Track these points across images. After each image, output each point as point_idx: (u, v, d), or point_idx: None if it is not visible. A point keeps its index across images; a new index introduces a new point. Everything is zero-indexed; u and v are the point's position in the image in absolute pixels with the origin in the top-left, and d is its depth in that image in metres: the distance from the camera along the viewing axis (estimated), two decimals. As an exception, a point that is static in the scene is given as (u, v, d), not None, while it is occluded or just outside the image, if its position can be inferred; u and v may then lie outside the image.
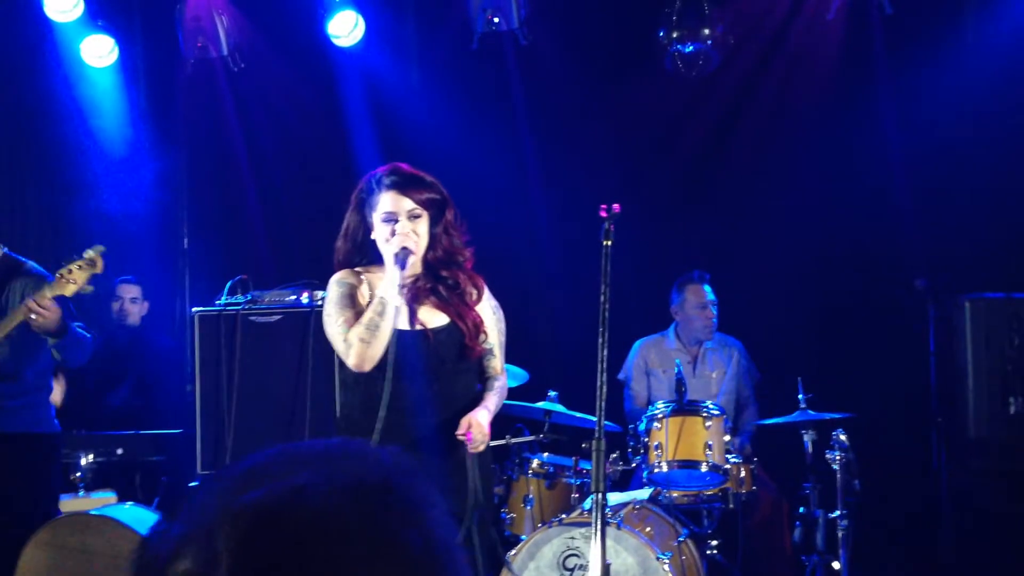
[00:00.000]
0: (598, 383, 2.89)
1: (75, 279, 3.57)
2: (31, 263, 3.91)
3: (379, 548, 0.74)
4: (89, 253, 3.63)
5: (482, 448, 2.96)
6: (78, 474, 4.30)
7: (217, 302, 4.36)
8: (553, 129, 5.60)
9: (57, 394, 5.05)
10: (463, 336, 3.02)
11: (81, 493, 4.28)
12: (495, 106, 5.53)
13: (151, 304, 5.39)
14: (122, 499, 4.28)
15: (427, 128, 5.36)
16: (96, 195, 5.53)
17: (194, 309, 4.38)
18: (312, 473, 0.77)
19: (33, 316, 3.56)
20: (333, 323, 3.00)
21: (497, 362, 3.16)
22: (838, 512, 4.02)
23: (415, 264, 3.02)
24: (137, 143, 5.58)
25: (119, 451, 4.60)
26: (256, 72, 5.54)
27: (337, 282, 3.06)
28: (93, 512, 3.97)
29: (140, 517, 4.00)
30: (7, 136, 5.62)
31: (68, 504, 4.21)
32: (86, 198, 5.57)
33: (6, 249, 3.85)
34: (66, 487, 4.37)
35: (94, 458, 4.36)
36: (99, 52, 5.33)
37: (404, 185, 2.99)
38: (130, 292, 5.30)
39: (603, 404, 2.84)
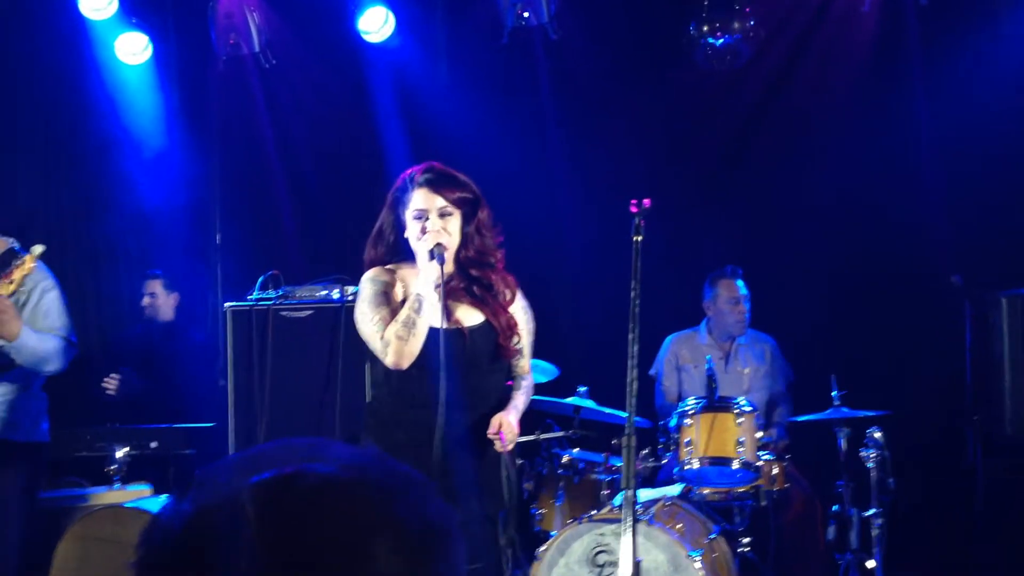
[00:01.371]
0: (629, 379, 2.88)
1: (12, 278, 3.38)
2: (38, 262, 3.77)
3: (382, 517, 0.79)
4: (32, 251, 3.43)
5: (511, 447, 2.97)
6: (113, 467, 4.34)
7: (249, 297, 4.39)
8: (583, 124, 5.58)
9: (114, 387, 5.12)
10: (497, 336, 3.03)
11: (116, 486, 4.33)
12: (525, 101, 5.52)
13: (184, 299, 5.44)
14: (157, 492, 4.32)
15: (456, 124, 5.36)
16: (130, 191, 5.59)
17: (226, 304, 4.41)
18: (313, 460, 0.82)
19: None
20: (368, 321, 3.01)
21: (525, 362, 3.18)
22: (872, 510, 3.98)
23: (447, 262, 3.02)
24: (170, 140, 5.63)
25: (153, 444, 4.65)
26: (287, 68, 5.56)
27: (370, 280, 3.06)
28: (127, 505, 4.01)
29: (173, 510, 4.03)
30: (43, 133, 5.69)
31: (104, 497, 4.26)
32: (120, 194, 5.63)
33: (17, 246, 3.76)
34: (101, 480, 4.42)
35: (129, 451, 4.40)
36: (133, 50, 5.38)
37: (436, 183, 2.99)
38: (151, 287, 5.35)
39: (634, 400, 2.83)
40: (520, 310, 3.13)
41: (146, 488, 4.34)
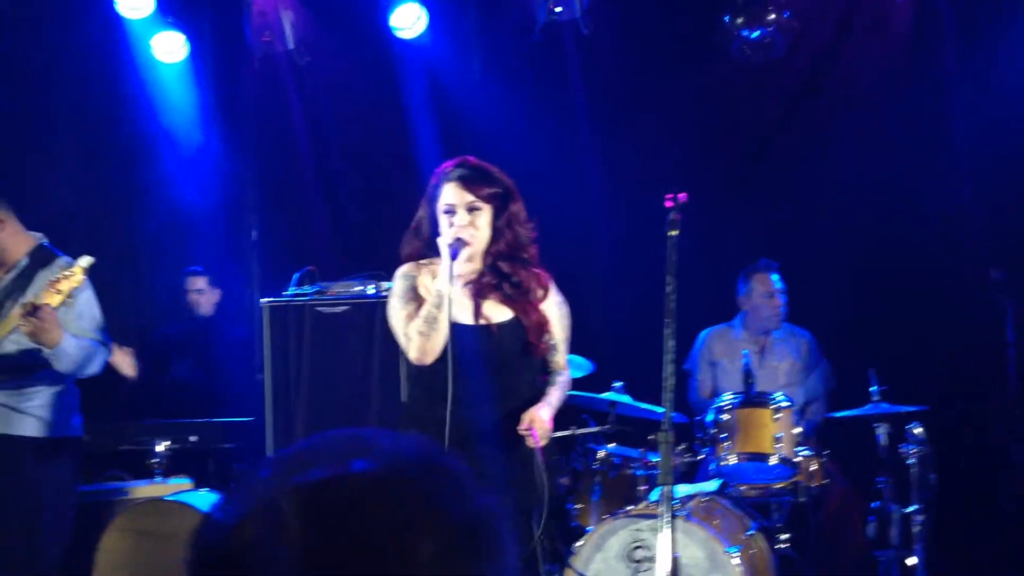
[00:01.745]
0: (665, 374, 2.87)
1: (60, 289, 3.37)
2: (67, 258, 3.77)
3: (426, 516, 0.78)
4: (79, 263, 3.44)
5: (544, 443, 2.95)
6: (154, 460, 4.40)
7: (285, 293, 4.42)
8: (615, 119, 5.56)
9: (128, 367, 5.17)
10: (527, 333, 3.01)
11: (158, 479, 4.38)
12: (556, 97, 5.51)
13: (222, 294, 5.50)
14: (197, 485, 4.36)
15: (488, 120, 5.36)
16: (167, 189, 5.65)
17: (263, 300, 4.45)
18: (358, 454, 0.81)
19: (22, 323, 3.38)
20: (396, 316, 3.04)
21: (560, 357, 3.16)
22: (914, 507, 3.93)
23: (476, 257, 3.01)
24: (206, 138, 5.68)
25: (193, 438, 4.69)
26: (320, 65, 5.59)
27: (402, 276, 3.08)
28: (169, 498, 4.06)
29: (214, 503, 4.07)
30: (81, 132, 5.76)
31: (146, 490, 4.32)
32: (157, 192, 5.69)
33: (46, 241, 3.79)
34: (142, 473, 4.48)
35: (169, 445, 4.45)
36: (169, 48, 5.43)
37: (466, 178, 2.99)
38: (195, 284, 5.41)
39: (671, 396, 2.82)
40: (554, 305, 3.11)
41: (187, 481, 4.39)
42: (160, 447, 4.42)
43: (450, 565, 0.77)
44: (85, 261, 3.42)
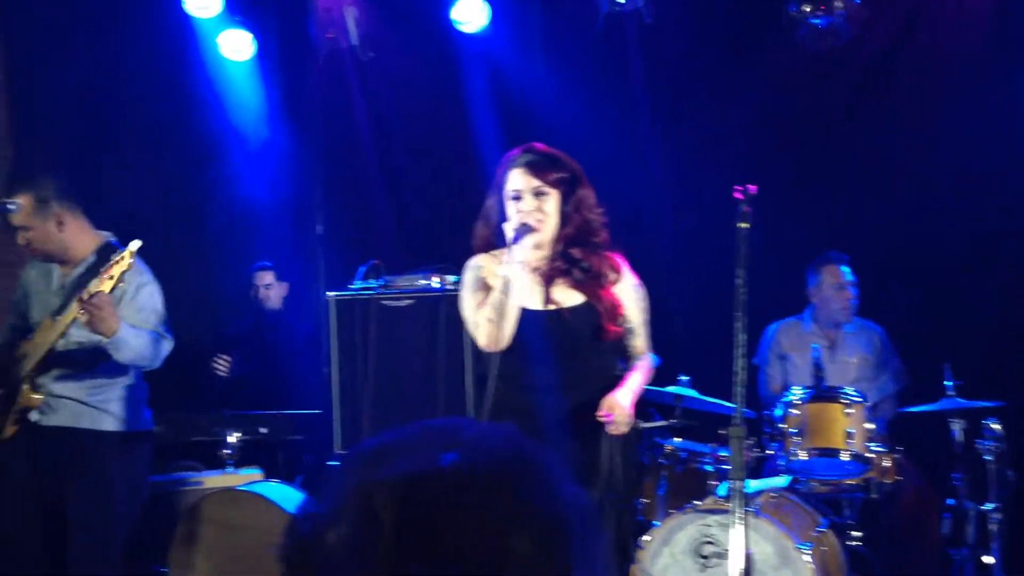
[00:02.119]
0: (736, 368, 2.83)
1: (111, 274, 3.40)
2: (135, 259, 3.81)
3: (517, 510, 0.78)
4: (129, 247, 3.47)
5: (625, 430, 2.91)
6: (226, 451, 4.48)
7: (351, 287, 4.47)
8: (679, 108, 5.50)
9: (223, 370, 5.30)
10: (599, 317, 2.99)
11: (230, 469, 4.46)
12: (620, 87, 5.46)
13: (288, 288, 5.58)
14: (267, 476, 4.43)
15: (551, 112, 5.34)
16: (235, 185, 5.75)
17: (329, 294, 4.50)
18: (446, 447, 0.81)
19: (80, 313, 3.40)
20: (466, 306, 3.06)
21: (640, 341, 3.12)
22: (990, 504, 3.83)
23: (545, 243, 3.00)
24: (273, 134, 5.76)
25: (263, 430, 4.77)
26: (383, 61, 5.63)
27: (471, 267, 3.09)
28: (241, 488, 4.14)
29: (285, 494, 4.14)
30: (150, 130, 5.87)
31: (217, 480, 4.40)
32: (225, 188, 5.79)
33: (114, 240, 3.80)
34: (214, 464, 4.56)
35: (240, 436, 4.52)
36: (237, 46, 5.51)
37: (532, 164, 2.99)
38: (264, 279, 5.50)
39: (742, 390, 2.78)
40: (629, 288, 3.08)
41: (257, 472, 4.46)
42: (231, 438, 4.50)
43: (541, 559, 0.77)
44: (134, 245, 3.45)
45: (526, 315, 2.98)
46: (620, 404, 2.88)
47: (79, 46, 5.63)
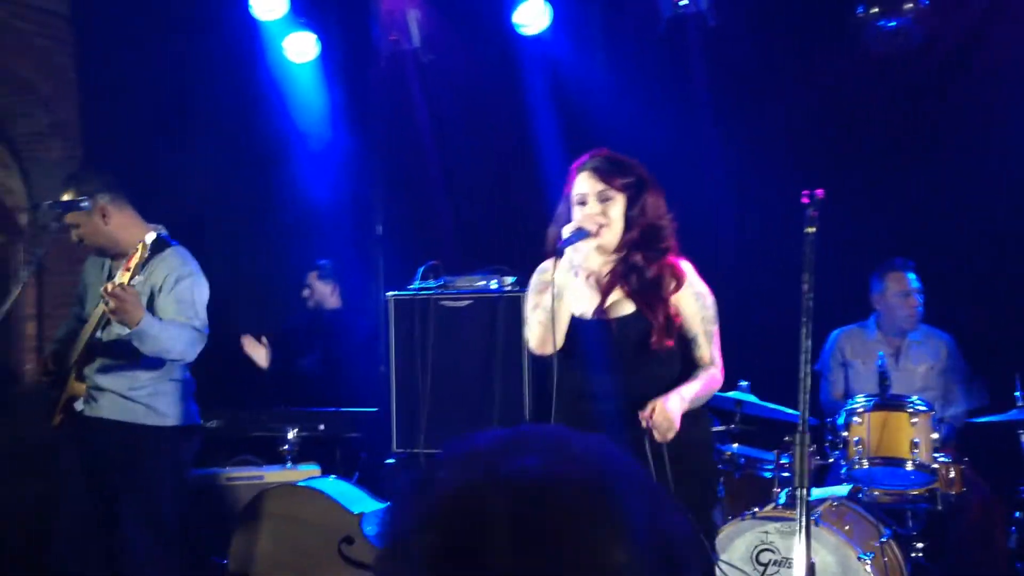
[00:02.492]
0: (801, 375, 2.79)
1: (128, 266, 3.41)
2: (177, 249, 3.81)
3: (620, 526, 0.77)
4: (144, 238, 3.46)
5: (668, 436, 2.79)
6: (285, 447, 4.55)
7: (410, 287, 4.50)
8: (743, 112, 5.44)
9: (262, 358, 5.37)
10: (648, 328, 2.94)
11: (289, 465, 4.52)
12: (683, 91, 5.42)
13: (348, 288, 5.64)
14: (324, 472, 4.49)
15: (613, 115, 5.32)
16: (297, 185, 5.83)
17: (388, 293, 4.54)
18: (543, 456, 0.80)
19: (106, 304, 3.39)
20: (526, 308, 3.05)
21: (703, 351, 3.02)
22: (1060, 518, 3.73)
23: (607, 247, 2.98)
24: (335, 135, 5.84)
25: (321, 427, 4.83)
26: (444, 62, 5.66)
27: (537, 271, 3.08)
28: (300, 483, 4.19)
29: (343, 490, 4.19)
30: (216, 131, 5.98)
31: (276, 475, 4.47)
32: (288, 188, 5.88)
33: (164, 233, 3.80)
34: (273, 459, 4.63)
35: (299, 432, 4.59)
36: (301, 49, 5.59)
37: (598, 168, 2.98)
38: (310, 278, 5.56)
39: (807, 397, 2.73)
40: (691, 297, 3.01)
41: (315, 468, 4.52)
42: (290, 434, 4.56)
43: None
44: (148, 237, 3.46)
45: (578, 322, 2.97)
46: (664, 409, 2.79)
47: (149, 48, 5.76)
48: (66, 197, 3.67)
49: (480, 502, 0.76)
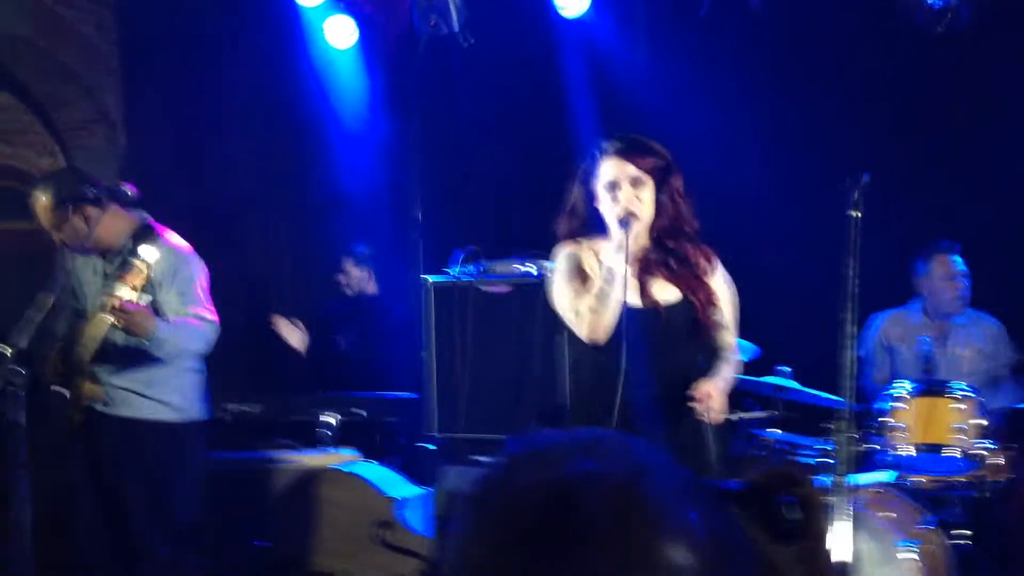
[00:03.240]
0: (844, 360, 2.75)
1: (134, 286, 3.35)
2: (170, 238, 3.70)
3: (667, 533, 0.76)
4: (146, 258, 3.37)
5: (719, 417, 2.85)
6: (324, 431, 4.58)
7: (449, 272, 4.50)
8: (788, 94, 5.36)
9: (297, 341, 5.40)
10: (695, 311, 2.93)
11: (328, 449, 4.56)
12: (726, 74, 5.35)
13: (387, 273, 5.66)
14: (363, 457, 4.51)
15: (654, 98, 5.26)
16: (337, 169, 5.86)
17: (428, 278, 4.54)
18: (595, 459, 0.79)
19: (115, 321, 3.38)
20: (563, 296, 3.01)
21: (730, 336, 3.05)
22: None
23: (641, 234, 2.96)
24: (374, 120, 5.85)
25: (359, 411, 4.85)
26: (484, 46, 5.63)
27: (564, 255, 3.05)
28: (339, 468, 4.23)
29: (382, 475, 4.22)
30: (255, 116, 6.03)
31: (315, 459, 4.50)
32: (327, 172, 5.90)
33: (149, 220, 3.72)
34: (312, 443, 4.67)
35: (338, 417, 4.61)
36: (341, 33, 5.60)
37: (626, 151, 2.94)
38: (345, 264, 5.58)
39: (852, 383, 2.70)
40: (722, 281, 3.02)
41: (354, 453, 4.55)
42: (329, 419, 4.59)
43: None
44: (151, 256, 3.37)
45: (624, 310, 2.95)
46: (717, 391, 2.85)
47: (191, 35, 5.80)
48: (44, 200, 3.57)
49: (534, 505, 0.76)
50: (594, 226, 3.03)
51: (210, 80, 5.93)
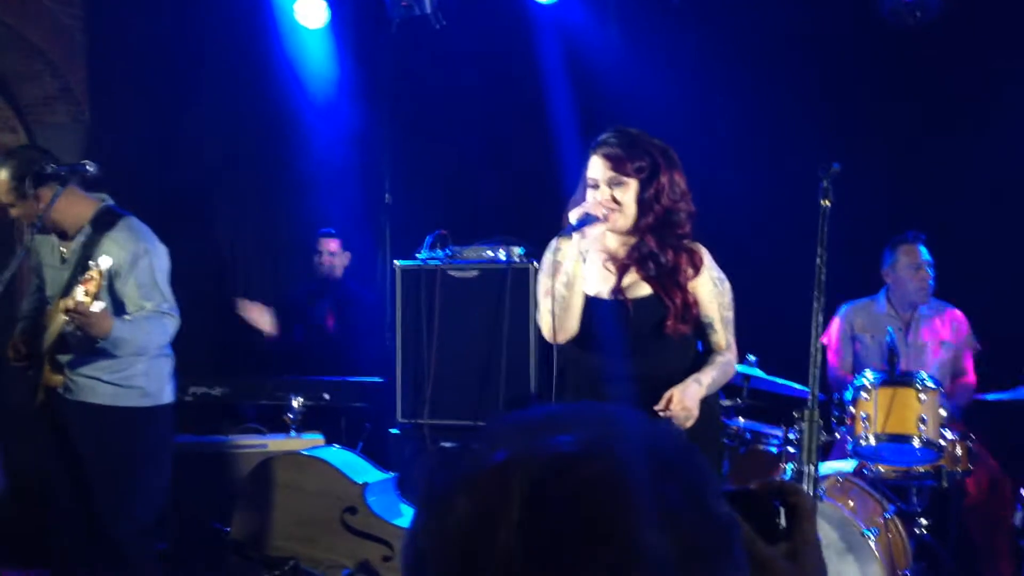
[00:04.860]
0: (812, 350, 2.76)
1: (88, 291, 3.26)
2: (127, 221, 3.61)
3: (643, 510, 0.74)
4: (100, 265, 3.29)
5: (688, 425, 2.80)
6: (290, 416, 4.54)
7: (417, 256, 4.47)
8: (757, 84, 5.37)
9: (267, 324, 5.36)
10: (665, 312, 2.91)
11: (292, 434, 4.52)
12: (698, 63, 5.35)
13: (354, 257, 5.62)
14: (328, 442, 4.49)
15: (626, 84, 5.26)
16: (305, 151, 5.79)
17: (396, 262, 4.51)
18: (579, 433, 0.77)
19: (69, 322, 3.31)
20: (538, 290, 3.00)
21: (720, 337, 3.01)
22: (1067, 497, 3.71)
23: (619, 231, 2.94)
24: (344, 102, 5.79)
25: (326, 396, 4.82)
26: (456, 29, 5.59)
27: (550, 249, 3.01)
28: (304, 452, 4.20)
29: (347, 460, 4.19)
30: (223, 95, 5.95)
31: (280, 444, 4.47)
32: (296, 154, 5.84)
33: (111, 202, 3.65)
34: (277, 427, 4.63)
35: (304, 402, 4.58)
36: (312, 13, 5.53)
37: (611, 152, 2.90)
38: (329, 246, 5.54)
39: (817, 372, 2.71)
40: (708, 282, 2.98)
41: (319, 437, 4.52)
42: (295, 403, 4.56)
43: (676, 564, 0.73)
44: (104, 263, 3.29)
45: (595, 302, 2.93)
46: (681, 397, 2.80)
47: (158, 12, 5.71)
48: (2, 175, 3.51)
49: (504, 477, 0.74)
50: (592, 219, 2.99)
51: (178, 58, 5.84)
